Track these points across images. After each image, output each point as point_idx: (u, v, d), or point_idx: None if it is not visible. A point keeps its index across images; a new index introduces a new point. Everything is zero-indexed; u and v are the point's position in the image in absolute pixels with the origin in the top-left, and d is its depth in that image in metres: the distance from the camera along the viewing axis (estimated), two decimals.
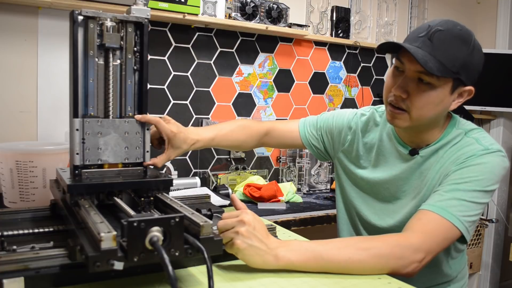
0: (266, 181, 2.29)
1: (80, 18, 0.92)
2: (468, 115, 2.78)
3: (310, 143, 1.30)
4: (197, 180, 2.12)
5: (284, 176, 2.49)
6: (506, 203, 3.38)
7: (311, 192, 2.41)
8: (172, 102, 2.22)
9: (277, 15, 2.31)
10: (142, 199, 0.93)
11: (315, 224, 1.92)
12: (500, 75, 3.04)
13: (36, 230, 0.90)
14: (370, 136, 1.20)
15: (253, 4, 2.25)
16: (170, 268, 0.64)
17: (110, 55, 0.95)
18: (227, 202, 1.83)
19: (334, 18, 2.63)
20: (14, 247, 0.79)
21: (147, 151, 1.01)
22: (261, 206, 1.97)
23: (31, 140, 1.92)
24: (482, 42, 3.57)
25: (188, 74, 2.26)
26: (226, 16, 2.22)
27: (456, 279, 1.17)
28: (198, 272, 0.85)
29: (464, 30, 0.99)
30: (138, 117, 0.99)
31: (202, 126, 2.20)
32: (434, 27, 0.97)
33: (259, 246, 0.84)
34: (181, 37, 2.22)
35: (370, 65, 2.87)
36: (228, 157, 2.37)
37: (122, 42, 0.96)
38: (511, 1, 3.24)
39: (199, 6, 2.05)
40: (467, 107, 2.92)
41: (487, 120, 3.37)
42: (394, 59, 1.04)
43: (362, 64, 2.83)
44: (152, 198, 0.94)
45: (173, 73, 2.22)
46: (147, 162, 1.01)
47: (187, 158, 2.27)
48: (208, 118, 2.33)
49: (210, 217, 1.03)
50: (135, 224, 0.67)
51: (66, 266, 0.74)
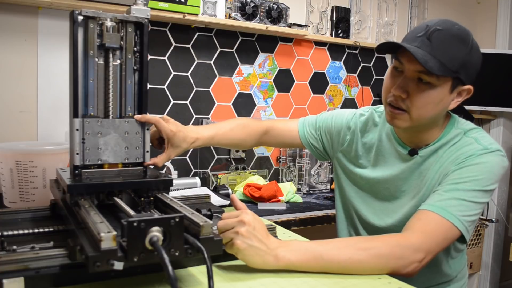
0: (266, 181, 2.29)
1: (80, 18, 0.92)
2: (468, 115, 2.77)
3: (309, 143, 1.31)
4: (197, 180, 2.12)
5: (284, 176, 2.49)
6: (506, 203, 3.38)
7: (311, 192, 2.41)
8: (172, 102, 2.22)
9: (277, 15, 2.31)
10: (142, 199, 0.93)
11: (315, 224, 1.92)
12: (500, 75, 3.04)
13: (36, 230, 0.90)
14: (369, 136, 1.20)
15: (253, 4, 2.25)
16: (170, 268, 0.64)
17: (110, 55, 0.95)
18: (227, 202, 1.83)
19: (334, 18, 2.63)
20: (14, 247, 0.79)
21: (147, 151, 1.01)
22: (261, 206, 1.97)
23: (31, 140, 1.92)
24: (482, 42, 3.56)
25: (188, 74, 2.26)
26: (226, 16, 2.22)
27: (456, 279, 1.17)
28: (198, 272, 0.85)
29: (462, 29, 0.99)
30: (137, 117, 0.99)
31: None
32: (432, 27, 0.98)
33: (259, 246, 0.84)
34: (181, 37, 2.22)
35: (370, 65, 2.86)
36: (228, 157, 2.37)
37: (122, 42, 0.96)
38: (511, 1, 3.24)
39: (199, 6, 2.05)
40: (467, 107, 2.92)
41: (487, 120, 3.37)
42: (392, 59, 1.04)
43: (362, 64, 2.82)
44: (152, 198, 0.94)
45: (173, 73, 2.22)
46: (148, 162, 1.01)
47: (187, 158, 2.27)
48: (208, 118, 2.33)
49: (210, 217, 1.03)
50: (135, 224, 0.67)
51: (66, 266, 0.74)
